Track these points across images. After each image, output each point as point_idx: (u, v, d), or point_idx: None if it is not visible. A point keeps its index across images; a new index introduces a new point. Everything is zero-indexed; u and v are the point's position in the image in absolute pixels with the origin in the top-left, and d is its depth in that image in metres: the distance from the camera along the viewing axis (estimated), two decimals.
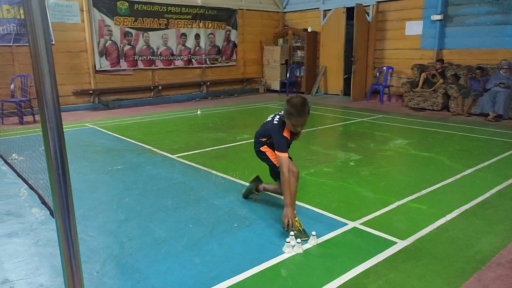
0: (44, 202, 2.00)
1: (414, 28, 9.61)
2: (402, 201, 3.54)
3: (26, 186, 3.84)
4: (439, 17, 8.96)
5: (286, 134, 2.96)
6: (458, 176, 4.21)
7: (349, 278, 2.36)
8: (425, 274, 2.41)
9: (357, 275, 2.39)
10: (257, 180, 3.57)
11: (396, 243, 2.78)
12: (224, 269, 2.47)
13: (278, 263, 2.54)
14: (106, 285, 2.32)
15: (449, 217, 3.21)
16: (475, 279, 2.36)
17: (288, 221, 2.79)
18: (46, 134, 1.25)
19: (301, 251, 2.65)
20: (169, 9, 10.10)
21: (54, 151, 1.26)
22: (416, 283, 2.31)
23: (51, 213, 1.35)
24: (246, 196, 3.59)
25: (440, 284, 2.31)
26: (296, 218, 2.91)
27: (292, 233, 2.74)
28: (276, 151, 2.97)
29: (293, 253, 2.64)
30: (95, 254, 2.67)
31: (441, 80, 8.57)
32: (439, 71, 8.63)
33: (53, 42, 8.44)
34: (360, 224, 3.08)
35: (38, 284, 2.34)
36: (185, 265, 2.52)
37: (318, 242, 2.78)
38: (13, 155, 4.85)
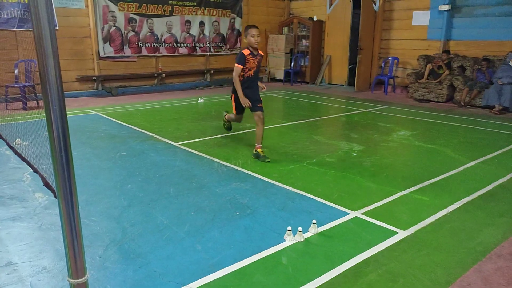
0: (47, 184, 2.01)
1: (421, 18, 9.49)
2: (404, 192, 3.54)
3: (30, 171, 3.87)
4: (447, 7, 8.84)
5: (245, 51, 4.33)
6: (461, 168, 4.19)
7: (349, 267, 2.37)
8: (426, 264, 2.42)
9: (357, 264, 2.41)
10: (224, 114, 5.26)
11: (397, 233, 2.78)
12: (225, 256, 2.49)
13: (279, 250, 2.55)
14: (108, 269, 2.34)
15: (451, 208, 3.21)
16: (476, 270, 2.37)
17: (246, 104, 4.32)
18: (49, 117, 1.25)
19: (302, 240, 2.66)
20: None
21: (57, 133, 1.26)
22: (416, 273, 2.32)
23: (55, 195, 1.36)
24: (227, 127, 5.45)
25: (441, 274, 2.32)
26: (260, 150, 4.43)
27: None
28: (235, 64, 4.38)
29: (294, 241, 2.65)
30: (98, 239, 2.69)
31: (447, 72, 8.49)
32: (445, 62, 8.54)
33: (57, 28, 8.41)
34: (362, 214, 3.09)
35: (41, 267, 2.37)
36: (187, 251, 2.54)
37: (319, 231, 2.79)
38: (17, 140, 4.87)
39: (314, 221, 2.81)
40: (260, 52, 4.46)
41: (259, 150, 4.44)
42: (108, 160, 4.42)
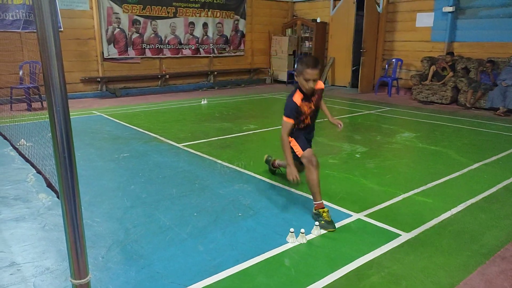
0: (50, 185, 2.02)
1: (425, 20, 9.46)
2: (407, 194, 3.52)
3: (34, 171, 3.88)
4: (451, 9, 8.81)
5: (296, 99, 3.05)
6: (465, 170, 4.17)
7: (352, 269, 2.36)
8: (429, 266, 2.40)
9: (360, 266, 2.40)
10: (268, 158, 4.03)
11: (400, 235, 2.77)
12: (227, 257, 2.48)
13: (281, 252, 2.55)
14: (111, 270, 2.35)
15: (454, 210, 3.19)
16: (479, 273, 2.35)
17: (293, 178, 2.94)
18: (53, 118, 1.26)
19: (304, 241, 2.66)
20: None
21: (60, 134, 1.26)
22: (419, 276, 2.31)
23: (58, 196, 1.37)
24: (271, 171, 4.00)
25: (443, 277, 2.30)
26: (326, 209, 2.93)
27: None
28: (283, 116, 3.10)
29: (297, 243, 2.64)
30: (101, 239, 2.70)
31: (451, 73, 8.46)
32: (449, 64, 8.51)
33: (62, 29, 8.46)
34: (365, 216, 3.08)
35: (44, 267, 2.38)
36: (189, 253, 2.54)
37: (322, 233, 2.79)
38: (21, 140, 4.90)
39: (316, 223, 2.81)
40: (318, 85, 3.11)
41: (320, 210, 2.95)
42: (112, 161, 4.44)
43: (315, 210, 2.98)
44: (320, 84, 3.15)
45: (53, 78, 1.23)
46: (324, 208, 2.95)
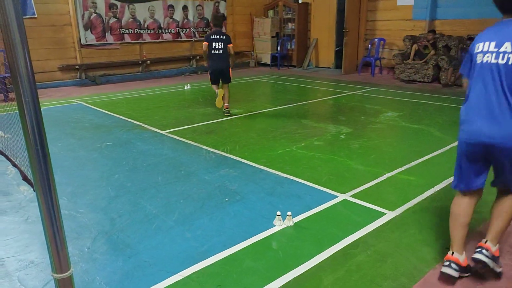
0: (25, 178, 1.96)
1: None
2: (391, 173, 3.56)
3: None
4: None
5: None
6: (447, 147, 4.23)
7: (338, 249, 2.39)
8: (413, 243, 2.45)
9: (346, 245, 2.43)
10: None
11: (385, 214, 2.81)
12: (215, 243, 2.48)
13: (268, 236, 2.56)
14: (97, 261, 2.32)
15: (437, 187, 3.24)
16: None
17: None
18: (22, 109, 1.21)
19: (291, 224, 2.67)
20: None
21: (31, 126, 1.21)
22: (404, 253, 2.35)
23: (34, 189, 1.33)
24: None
25: (428, 252, 2.35)
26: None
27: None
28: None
29: (284, 226, 2.65)
30: (86, 230, 2.66)
31: (432, 51, 8.51)
32: (430, 42, 8.55)
33: (36, 16, 8.15)
34: (350, 196, 3.10)
35: (28, 261, 2.33)
36: (176, 240, 2.52)
37: (308, 215, 2.80)
38: None
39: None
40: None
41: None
42: (94, 150, 4.35)
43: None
44: None
45: (20, 68, 1.17)
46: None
